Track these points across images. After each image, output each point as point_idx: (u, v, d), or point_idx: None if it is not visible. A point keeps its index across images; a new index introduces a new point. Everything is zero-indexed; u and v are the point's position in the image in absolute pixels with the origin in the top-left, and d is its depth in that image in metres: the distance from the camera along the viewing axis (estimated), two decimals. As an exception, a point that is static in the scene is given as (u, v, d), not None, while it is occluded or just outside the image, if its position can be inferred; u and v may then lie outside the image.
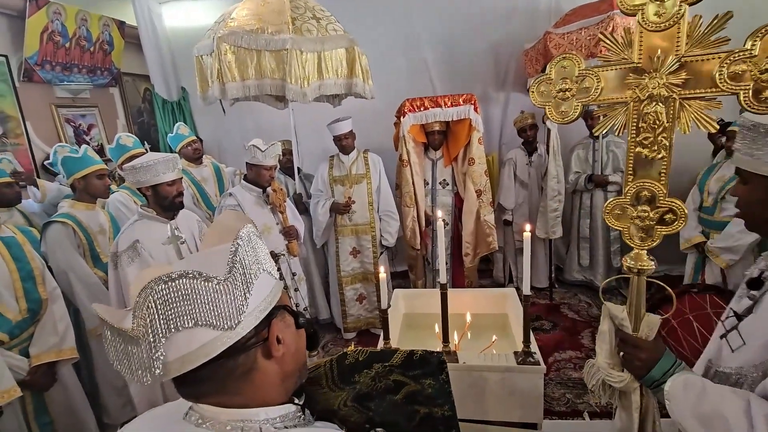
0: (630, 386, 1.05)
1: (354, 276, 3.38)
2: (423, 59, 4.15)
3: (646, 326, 1.03)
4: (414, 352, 0.75)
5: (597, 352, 1.13)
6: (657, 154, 0.98)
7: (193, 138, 3.47)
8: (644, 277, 1.05)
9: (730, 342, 0.93)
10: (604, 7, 2.99)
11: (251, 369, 0.58)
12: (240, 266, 0.56)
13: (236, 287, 0.55)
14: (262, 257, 0.61)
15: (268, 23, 2.67)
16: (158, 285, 0.52)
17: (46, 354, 1.87)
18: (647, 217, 1.01)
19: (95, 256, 2.36)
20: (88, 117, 4.09)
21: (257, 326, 0.58)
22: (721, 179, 2.58)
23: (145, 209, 2.10)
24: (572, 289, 4.00)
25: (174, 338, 0.52)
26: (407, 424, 0.67)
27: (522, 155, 3.85)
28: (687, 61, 0.91)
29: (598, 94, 1.02)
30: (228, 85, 2.68)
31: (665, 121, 0.95)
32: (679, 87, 0.93)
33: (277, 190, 2.66)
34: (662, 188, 0.99)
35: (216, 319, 0.54)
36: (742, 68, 0.85)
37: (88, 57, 3.85)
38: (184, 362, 0.53)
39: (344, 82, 2.89)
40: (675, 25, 0.90)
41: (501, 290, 2.12)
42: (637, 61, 0.96)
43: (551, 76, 1.06)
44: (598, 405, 2.46)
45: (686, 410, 0.88)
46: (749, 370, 0.87)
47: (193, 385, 0.57)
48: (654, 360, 0.97)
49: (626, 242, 1.06)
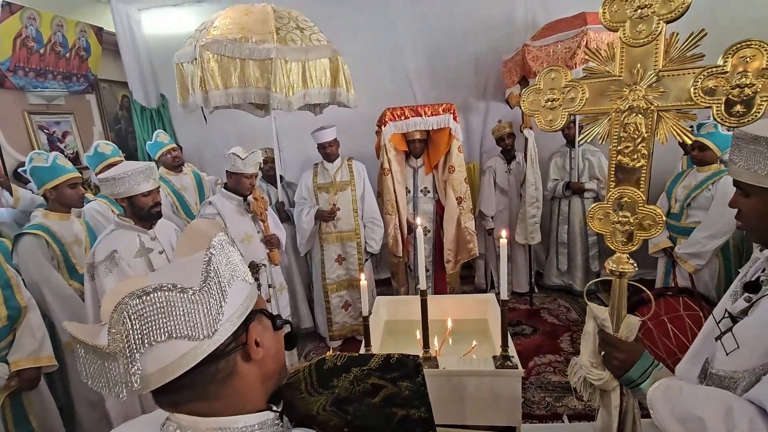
0: (609, 385, 1.08)
1: (339, 283, 3.38)
2: (405, 69, 4.23)
3: (626, 327, 1.07)
4: (391, 355, 0.77)
5: (581, 351, 1.17)
6: (637, 163, 1.02)
7: (172, 146, 3.42)
8: (626, 280, 1.09)
9: (724, 345, 0.94)
10: (577, 22, 3.13)
11: (231, 373, 0.59)
12: (214, 275, 0.57)
13: (212, 296, 0.56)
14: (236, 264, 0.62)
15: (251, 32, 2.68)
16: (133, 300, 0.52)
17: (26, 360, 1.88)
18: (628, 222, 1.05)
19: (71, 267, 2.29)
20: (62, 124, 3.99)
21: (235, 332, 0.58)
22: (687, 187, 2.70)
23: (123, 219, 2.07)
24: (552, 294, 4.08)
25: (152, 351, 0.53)
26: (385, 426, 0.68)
27: (501, 163, 3.94)
28: (664, 76, 0.96)
29: (582, 105, 1.07)
30: (211, 93, 2.67)
31: (644, 131, 1.00)
32: (657, 99, 0.98)
33: (258, 199, 2.65)
34: (642, 195, 1.03)
35: (193, 330, 0.54)
36: (715, 83, 0.90)
37: (63, 63, 3.77)
38: (164, 373, 0.54)
39: (328, 92, 2.92)
40: (654, 41, 0.95)
41: (481, 296, 2.16)
42: (618, 74, 1.01)
43: (540, 86, 1.11)
44: (576, 408, 2.52)
45: (666, 414, 0.90)
46: (743, 375, 0.88)
47: (173, 393, 0.57)
48: (632, 361, 1.00)
49: (608, 246, 1.11)
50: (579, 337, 3.30)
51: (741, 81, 0.87)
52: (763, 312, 0.91)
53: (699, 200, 2.61)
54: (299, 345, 3.51)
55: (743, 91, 0.87)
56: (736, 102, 0.88)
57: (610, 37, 3.01)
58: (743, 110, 0.87)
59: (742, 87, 0.87)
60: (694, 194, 2.62)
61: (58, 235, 2.25)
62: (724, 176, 2.51)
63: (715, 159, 2.59)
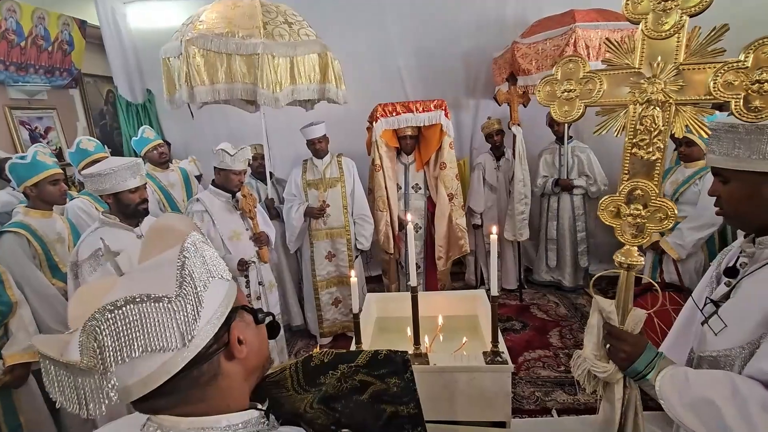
0: (614, 377, 1.09)
1: (329, 280, 3.37)
2: (396, 66, 4.21)
3: (632, 320, 1.07)
4: (379, 351, 0.76)
5: (584, 344, 1.16)
6: (652, 156, 1.02)
7: (159, 142, 3.36)
8: (633, 273, 1.08)
9: (712, 327, 0.98)
10: (566, 20, 3.14)
11: (216, 375, 0.57)
12: (190, 279, 0.54)
13: (188, 302, 0.53)
14: (211, 264, 0.59)
15: (238, 27, 2.64)
16: (103, 315, 0.48)
17: (20, 355, 1.89)
18: (639, 215, 1.05)
19: (53, 265, 2.24)
20: (45, 119, 3.89)
21: (217, 333, 0.56)
22: (675, 182, 2.73)
23: (107, 216, 2.02)
24: (541, 290, 4.12)
25: (130, 364, 0.50)
26: (374, 423, 0.68)
27: (490, 160, 3.96)
28: (684, 69, 0.96)
29: (599, 96, 1.06)
30: (197, 89, 2.63)
31: (661, 124, 0.99)
32: (676, 93, 0.98)
33: (247, 196, 2.61)
34: (655, 188, 1.03)
35: (171, 340, 0.51)
36: (735, 78, 0.90)
37: (45, 57, 3.67)
38: (146, 384, 0.52)
39: (317, 88, 2.89)
40: (675, 34, 0.95)
41: (471, 292, 2.16)
42: (638, 66, 1.00)
43: (557, 77, 1.10)
44: (565, 402, 2.54)
45: (677, 403, 0.92)
46: (737, 351, 0.91)
47: (154, 401, 0.54)
48: (638, 353, 1.01)
49: (618, 239, 1.10)
50: (568, 332, 3.34)
51: (761, 77, 0.87)
52: (744, 291, 0.95)
53: (687, 195, 2.65)
54: (290, 343, 3.49)
55: (762, 86, 0.87)
56: (755, 97, 0.88)
57: (598, 35, 3.04)
58: (762, 105, 0.88)
59: (762, 82, 0.87)
60: (682, 189, 2.66)
61: (39, 233, 2.19)
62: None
63: (702, 155, 2.63)
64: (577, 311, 3.66)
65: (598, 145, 3.75)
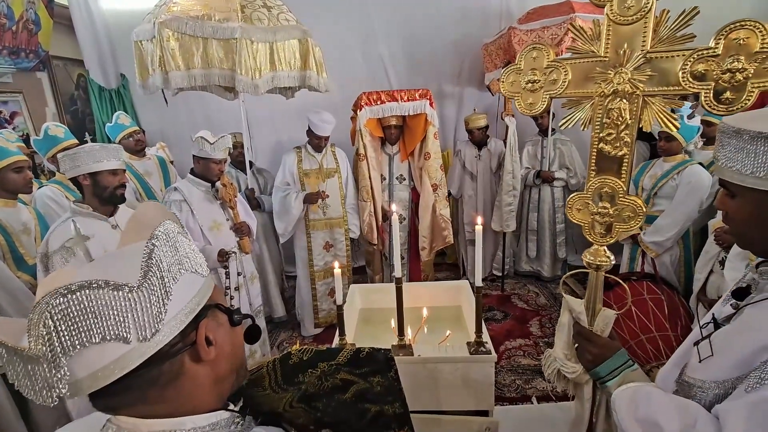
0: (582, 378, 1.07)
1: (327, 270, 3.34)
2: (379, 54, 4.13)
3: (602, 320, 1.04)
4: (360, 349, 0.73)
5: (555, 343, 1.14)
6: (619, 151, 0.97)
7: (135, 128, 3.24)
8: (602, 273, 1.05)
9: (700, 351, 0.87)
10: (564, 9, 3.10)
11: (178, 375, 0.53)
12: (157, 269, 0.51)
13: (153, 293, 0.50)
14: (185, 256, 0.56)
15: (215, 10, 2.53)
16: (55, 299, 0.45)
17: None
18: (607, 213, 1.01)
19: (18, 258, 2.13)
20: (10, 104, 3.68)
21: (183, 330, 0.53)
22: (654, 176, 2.78)
23: (79, 205, 1.93)
24: (522, 280, 4.18)
25: (81, 354, 0.47)
26: (358, 422, 0.65)
27: (471, 148, 3.93)
28: (652, 57, 0.90)
29: (564, 88, 1.00)
30: (171, 74, 2.51)
31: (628, 117, 0.94)
32: (643, 83, 0.92)
33: (227, 185, 2.54)
34: (622, 185, 0.98)
35: (129, 332, 0.48)
36: (705, 67, 0.84)
37: (9, 37, 3.46)
38: (96, 379, 0.48)
39: (298, 75, 2.81)
40: (642, 18, 0.89)
41: (455, 283, 2.16)
42: (604, 54, 0.94)
43: (521, 67, 1.04)
44: (545, 390, 2.60)
45: (628, 416, 0.87)
46: (710, 386, 0.80)
47: (108, 398, 0.51)
48: (604, 356, 0.97)
49: (586, 237, 1.06)
50: (548, 321, 3.40)
51: (733, 65, 0.81)
52: (742, 321, 0.84)
53: (665, 189, 2.70)
54: (272, 335, 3.45)
55: (734, 76, 0.82)
56: (726, 88, 0.83)
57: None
58: (732, 97, 0.83)
59: (733, 72, 0.82)
60: (661, 183, 2.71)
61: (3, 223, 2.08)
62: (688, 166, 2.60)
63: (681, 149, 2.68)
64: (556, 301, 3.73)
65: (580, 138, 3.79)
